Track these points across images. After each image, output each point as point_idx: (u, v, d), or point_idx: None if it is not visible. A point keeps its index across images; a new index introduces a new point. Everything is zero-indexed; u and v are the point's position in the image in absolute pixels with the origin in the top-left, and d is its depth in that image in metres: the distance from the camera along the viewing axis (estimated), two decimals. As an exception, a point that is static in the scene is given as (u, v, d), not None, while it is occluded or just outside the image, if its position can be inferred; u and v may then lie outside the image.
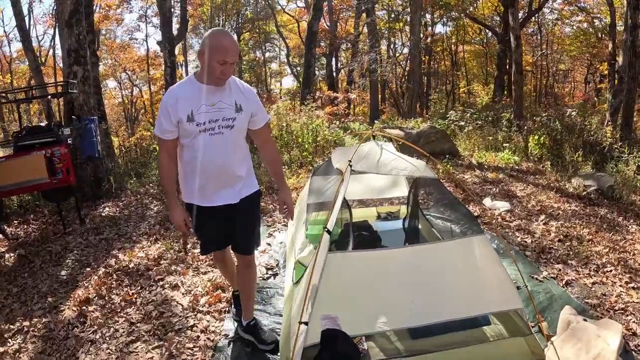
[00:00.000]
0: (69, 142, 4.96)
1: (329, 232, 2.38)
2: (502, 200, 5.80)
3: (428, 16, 20.78)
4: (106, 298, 3.38)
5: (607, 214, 5.35)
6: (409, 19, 17.65)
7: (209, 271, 3.75)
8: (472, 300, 2.47)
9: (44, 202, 5.71)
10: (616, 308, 3.24)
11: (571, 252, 4.24)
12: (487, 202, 5.73)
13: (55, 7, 9.29)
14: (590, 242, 4.47)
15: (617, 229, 4.87)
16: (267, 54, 28.08)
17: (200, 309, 3.15)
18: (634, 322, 3.00)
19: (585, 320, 2.58)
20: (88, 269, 3.99)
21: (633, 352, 2.67)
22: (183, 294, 3.36)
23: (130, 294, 3.40)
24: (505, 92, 17.23)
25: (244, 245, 2.57)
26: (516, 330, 2.61)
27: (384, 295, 2.37)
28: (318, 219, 4.47)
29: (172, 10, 12.80)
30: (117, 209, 5.85)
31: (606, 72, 16.65)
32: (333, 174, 4.23)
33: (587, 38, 18.30)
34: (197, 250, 4.16)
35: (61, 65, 11.87)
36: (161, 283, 3.55)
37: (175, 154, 2.38)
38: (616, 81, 12.84)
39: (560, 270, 3.89)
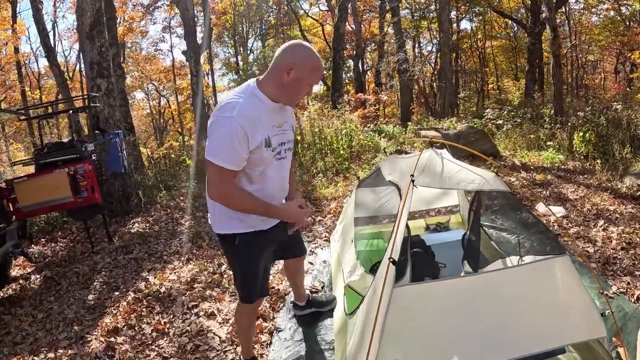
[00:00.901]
0: (93, 157, 4.77)
1: (394, 262, 2.04)
2: (556, 205, 5.33)
3: (453, 13, 20.20)
4: (136, 328, 3.11)
5: None
6: (435, 16, 17.18)
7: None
8: (552, 331, 2.13)
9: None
10: None
11: (637, 262, 3.82)
12: (541, 207, 5.26)
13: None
14: None
15: None
16: (291, 59, 27.80)
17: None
18: None
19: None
20: (117, 293, 3.76)
21: None
22: (220, 323, 3.05)
23: (162, 324, 3.11)
24: (537, 87, 16.53)
25: (299, 247, 2.62)
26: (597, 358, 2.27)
27: (456, 331, 2.05)
28: (365, 233, 4.16)
29: (196, 19, 12.72)
30: (147, 225, 5.65)
31: (638, 60, 15.76)
32: (384, 185, 3.89)
33: (616, 26, 17.37)
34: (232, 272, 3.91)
35: (88, 79, 11.93)
36: (195, 310, 3.25)
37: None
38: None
39: (629, 283, 3.48)
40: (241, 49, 24.93)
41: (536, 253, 2.64)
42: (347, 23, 17.47)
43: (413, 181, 2.49)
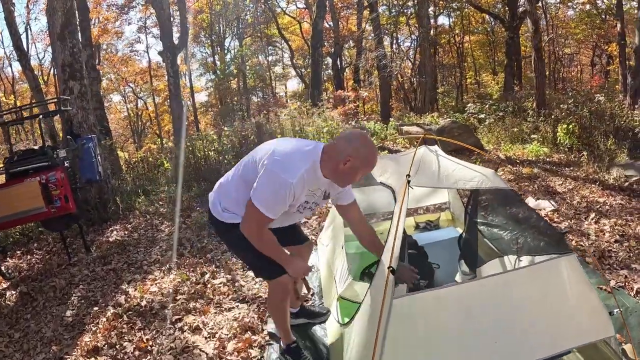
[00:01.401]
0: (66, 164, 4.50)
1: (393, 271, 1.90)
2: (545, 199, 5.28)
3: (431, 9, 20.21)
4: (117, 347, 2.90)
5: None
6: (414, 12, 17.15)
7: (233, 307, 3.25)
8: (561, 333, 2.05)
9: (47, 229, 5.28)
10: None
11: (632, 255, 3.79)
12: (531, 201, 5.20)
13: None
14: None
15: None
16: (270, 58, 27.57)
17: (229, 358, 2.65)
18: None
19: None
20: (95, 308, 3.53)
21: None
22: (206, 338, 2.86)
23: (145, 341, 2.91)
24: (516, 81, 16.63)
25: (300, 235, 2.69)
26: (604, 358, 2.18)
27: (463, 340, 1.93)
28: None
29: (172, 19, 12.40)
30: (126, 233, 5.41)
31: (615, 53, 15.99)
32: (373, 185, 3.75)
33: (592, 20, 17.65)
34: (217, 281, 3.72)
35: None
36: (179, 325, 3.05)
37: None
38: (630, 62, 12.24)
39: (626, 277, 3.44)
40: (218, 48, 24.55)
41: (538, 252, 2.54)
42: (325, 20, 17.31)
43: (409, 182, 2.33)
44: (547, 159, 7.43)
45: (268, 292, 2.49)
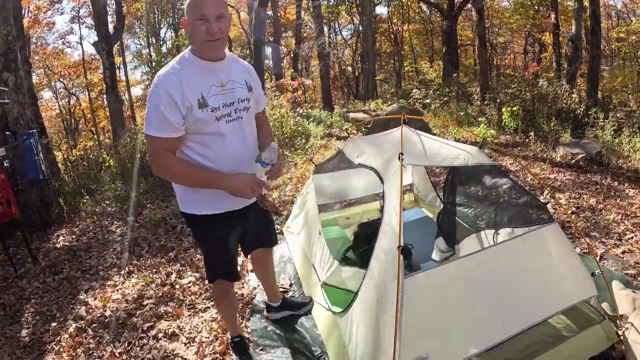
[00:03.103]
0: (5, 164, 4.03)
1: (404, 251, 1.92)
2: (499, 178, 5.47)
3: (371, -2, 20.41)
4: None
5: (603, 180, 5.28)
6: (358, 1, 17.21)
7: (208, 307, 3.04)
8: (552, 298, 2.20)
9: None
10: None
11: (589, 224, 4.09)
12: (487, 181, 5.35)
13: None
14: (602, 211, 4.37)
15: (618, 195, 4.81)
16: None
17: (213, 362, 2.47)
18: None
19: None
20: (54, 323, 3.16)
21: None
22: (185, 344, 2.65)
23: (117, 355, 2.63)
24: (453, 68, 17.22)
25: (268, 236, 2.40)
26: (587, 319, 2.32)
27: (468, 313, 1.99)
28: (330, 219, 3.91)
29: (106, 7, 11.59)
30: (74, 237, 4.97)
31: (548, 41, 17.00)
32: (346, 169, 3.66)
33: (526, 10, 18.62)
34: (185, 281, 3.49)
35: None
36: (153, 332, 2.80)
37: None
38: (564, 49, 13.06)
39: (589, 244, 3.62)
40: (153, 39, 23.40)
41: (519, 224, 2.63)
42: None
43: (402, 160, 2.29)
44: (495, 141, 7.74)
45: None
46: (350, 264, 2.75)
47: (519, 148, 7.08)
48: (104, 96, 19.20)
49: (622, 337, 2.23)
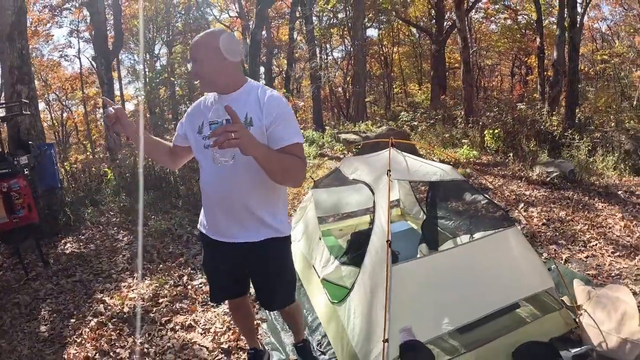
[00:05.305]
0: (26, 172, 4.33)
1: (392, 254, 2.38)
2: (479, 194, 5.95)
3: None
4: (111, 354, 2.91)
5: (574, 196, 5.78)
6: (346, 24, 17.85)
7: (219, 304, 3.39)
8: (514, 287, 2.66)
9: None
10: (612, 275, 3.64)
11: (558, 233, 4.58)
12: (467, 196, 5.81)
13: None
14: (570, 222, 4.87)
15: (587, 208, 5.32)
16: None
17: (230, 349, 2.80)
18: (630, 284, 3.39)
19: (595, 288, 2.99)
20: (72, 320, 3.46)
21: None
22: (202, 334, 2.99)
23: (139, 344, 2.96)
24: (441, 91, 17.89)
25: (264, 298, 2.21)
26: (548, 307, 2.81)
27: (443, 297, 2.43)
28: (327, 230, 4.34)
29: (106, 23, 11.98)
30: (81, 244, 5.26)
31: (534, 64, 17.83)
32: (343, 185, 4.08)
33: (513, 34, 19.51)
34: (196, 282, 3.83)
35: None
36: (170, 325, 3.14)
37: (173, 155, 2.19)
38: (548, 72, 13.75)
39: (555, 250, 4.20)
40: (148, 55, 23.81)
41: (488, 228, 3.10)
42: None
43: (390, 175, 2.77)
44: (477, 161, 8.24)
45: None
46: (347, 264, 3.16)
47: (499, 167, 7.58)
48: (99, 110, 19.45)
49: (578, 325, 2.67)
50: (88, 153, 16.02)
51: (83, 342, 3.11)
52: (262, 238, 1.97)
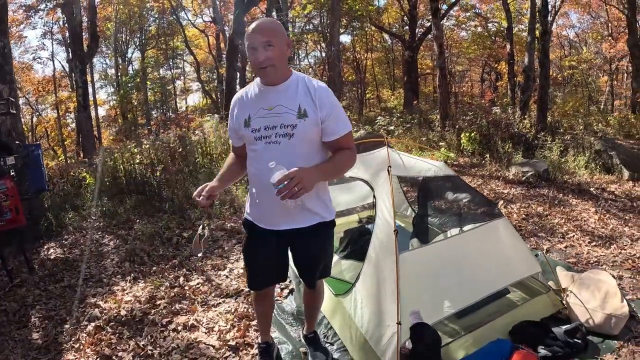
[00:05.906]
0: (12, 173, 4.21)
1: (396, 232, 2.58)
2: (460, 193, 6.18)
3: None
4: (113, 358, 2.85)
5: (549, 193, 6.11)
6: (322, 31, 18.03)
7: (220, 303, 3.41)
8: (505, 272, 2.89)
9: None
10: (591, 262, 3.94)
11: (537, 227, 4.87)
12: (450, 195, 6.01)
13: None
14: (548, 217, 5.17)
15: (563, 204, 5.64)
16: (173, 71, 26.76)
17: (238, 345, 2.82)
18: (609, 269, 3.67)
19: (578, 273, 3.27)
20: (67, 325, 3.37)
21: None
22: (205, 332, 2.99)
23: (142, 347, 2.92)
24: (414, 96, 18.27)
25: (307, 276, 2.34)
26: (536, 291, 3.04)
27: (442, 283, 2.61)
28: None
29: (82, 26, 11.74)
30: (65, 250, 5.14)
31: (504, 70, 18.47)
32: (345, 182, 4.19)
33: (483, 41, 20.14)
34: (193, 283, 3.82)
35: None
36: (172, 326, 3.12)
37: (242, 159, 2.18)
38: (518, 78, 14.28)
39: (536, 242, 4.47)
40: (120, 59, 23.38)
41: (478, 220, 3.26)
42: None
43: (390, 172, 2.91)
44: (454, 162, 8.48)
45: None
46: (347, 257, 3.26)
47: (476, 168, 7.85)
48: (70, 114, 18.93)
49: (565, 305, 2.91)
50: (61, 158, 15.54)
51: (81, 347, 3.04)
52: (309, 224, 2.07)
